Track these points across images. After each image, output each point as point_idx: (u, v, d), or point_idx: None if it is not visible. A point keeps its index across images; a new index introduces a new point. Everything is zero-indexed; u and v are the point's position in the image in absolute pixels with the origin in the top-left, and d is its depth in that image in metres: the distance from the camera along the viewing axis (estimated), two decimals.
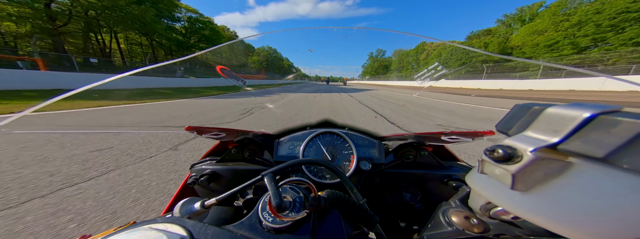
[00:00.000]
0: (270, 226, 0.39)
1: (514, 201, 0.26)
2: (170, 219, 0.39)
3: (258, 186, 0.74)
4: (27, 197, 2.01)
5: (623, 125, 0.21)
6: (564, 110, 0.25)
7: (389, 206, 0.80)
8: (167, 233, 0.34)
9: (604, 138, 0.21)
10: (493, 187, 0.30)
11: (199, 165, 0.93)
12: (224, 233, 0.37)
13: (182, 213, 0.44)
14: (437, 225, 0.43)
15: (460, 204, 0.43)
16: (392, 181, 0.84)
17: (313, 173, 0.76)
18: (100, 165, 2.72)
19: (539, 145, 0.25)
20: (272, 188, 0.40)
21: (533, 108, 0.29)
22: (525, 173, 0.26)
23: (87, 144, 3.42)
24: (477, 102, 11.40)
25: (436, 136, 0.67)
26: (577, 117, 0.23)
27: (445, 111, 7.83)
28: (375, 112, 7.34)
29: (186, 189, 0.89)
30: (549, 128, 0.26)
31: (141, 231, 0.35)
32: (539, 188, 0.25)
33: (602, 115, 0.22)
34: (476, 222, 0.38)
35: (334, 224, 0.43)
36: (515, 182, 0.26)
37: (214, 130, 0.76)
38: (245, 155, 0.93)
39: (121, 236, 0.34)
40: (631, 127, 0.20)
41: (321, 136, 0.87)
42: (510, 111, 0.33)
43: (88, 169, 2.60)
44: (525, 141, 0.27)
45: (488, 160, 0.30)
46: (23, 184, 2.23)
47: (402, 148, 0.86)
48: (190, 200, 0.47)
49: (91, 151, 3.14)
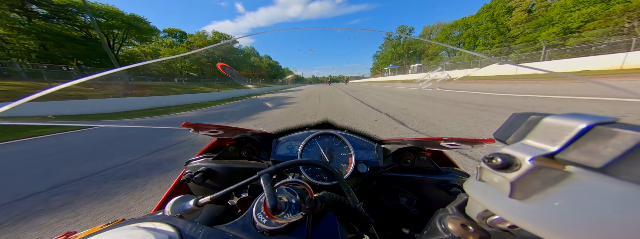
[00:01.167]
0: (264, 228, 0.39)
1: (512, 210, 0.26)
2: (160, 218, 0.38)
3: (253, 185, 0.73)
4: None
5: (620, 136, 0.21)
6: (561, 120, 0.26)
7: (384, 209, 0.79)
8: (155, 232, 0.33)
9: (601, 148, 0.22)
10: (491, 195, 0.30)
11: (194, 162, 0.92)
12: (216, 233, 0.37)
13: (174, 211, 0.43)
14: (433, 232, 0.43)
15: (457, 211, 0.43)
16: (389, 184, 0.84)
17: (310, 174, 0.76)
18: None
19: (537, 153, 0.25)
20: (268, 188, 0.39)
21: (531, 118, 0.30)
22: (523, 181, 0.26)
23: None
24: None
25: (436, 141, 0.67)
26: (574, 127, 0.24)
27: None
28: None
29: (180, 186, 0.88)
30: (546, 138, 0.26)
31: (128, 230, 0.34)
32: (537, 196, 0.25)
33: (598, 126, 0.23)
34: (473, 230, 0.38)
35: (329, 227, 0.43)
36: (514, 190, 0.26)
37: (211, 128, 0.76)
38: (243, 154, 0.93)
39: (107, 235, 0.33)
40: (628, 138, 0.20)
41: (320, 137, 0.87)
42: (508, 120, 0.34)
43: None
44: (524, 150, 0.27)
45: (487, 168, 0.30)
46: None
47: (400, 152, 0.86)
48: (183, 198, 0.46)
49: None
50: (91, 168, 3.24)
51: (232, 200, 0.79)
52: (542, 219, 0.23)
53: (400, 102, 9.39)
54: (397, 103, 8.80)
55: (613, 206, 0.20)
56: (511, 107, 6.27)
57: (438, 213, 0.45)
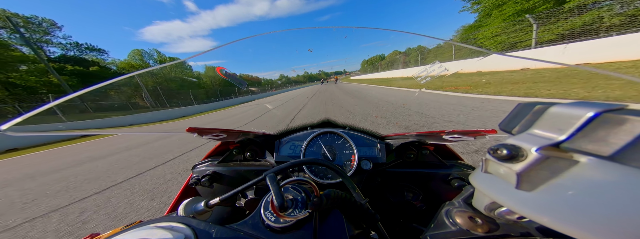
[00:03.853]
0: (273, 226, 0.39)
1: (520, 201, 0.26)
2: (176, 218, 0.40)
3: (259, 186, 0.74)
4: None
5: (629, 123, 0.20)
6: (568, 109, 0.25)
7: (391, 205, 0.79)
8: (173, 231, 0.35)
9: (610, 136, 0.21)
10: (497, 186, 0.29)
11: (200, 166, 0.93)
12: (227, 231, 0.38)
13: (186, 213, 0.45)
14: (440, 225, 0.43)
15: (464, 204, 0.42)
16: (393, 180, 0.84)
17: (315, 173, 0.76)
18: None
19: (543, 143, 0.25)
20: (274, 188, 0.40)
21: (536, 107, 0.29)
22: (530, 172, 0.25)
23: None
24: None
25: (438, 135, 0.67)
26: (581, 115, 0.23)
27: None
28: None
29: (188, 189, 0.89)
30: (553, 127, 0.26)
31: (148, 229, 0.36)
32: (545, 187, 0.24)
33: (607, 113, 0.22)
34: (481, 222, 0.38)
35: (336, 224, 0.43)
36: (521, 181, 0.26)
37: (215, 131, 0.77)
38: (247, 156, 0.93)
39: (128, 235, 0.35)
40: (638, 125, 0.20)
41: (322, 136, 0.87)
42: (513, 110, 0.33)
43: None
44: (530, 140, 0.26)
45: (492, 159, 0.29)
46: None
47: (403, 148, 0.85)
48: (194, 200, 0.48)
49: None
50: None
51: (239, 201, 0.79)
52: (554, 210, 0.23)
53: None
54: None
55: (628, 195, 0.19)
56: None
57: (444, 207, 0.45)
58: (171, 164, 4.04)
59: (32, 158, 7.41)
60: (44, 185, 3.91)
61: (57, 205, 2.86)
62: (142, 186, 3.08)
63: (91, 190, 3.25)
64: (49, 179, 4.29)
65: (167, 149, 5.38)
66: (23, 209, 2.88)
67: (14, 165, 6.48)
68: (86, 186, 3.49)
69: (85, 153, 6.51)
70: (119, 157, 5.40)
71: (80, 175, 4.22)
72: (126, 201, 2.66)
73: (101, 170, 4.42)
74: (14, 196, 3.50)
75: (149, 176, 3.50)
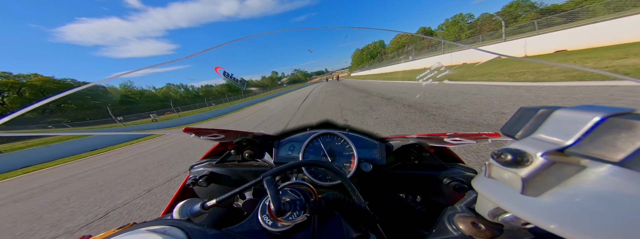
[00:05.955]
0: (270, 230, 0.38)
1: (526, 207, 0.25)
2: (170, 222, 0.39)
3: (258, 187, 0.73)
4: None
5: (639, 128, 0.20)
6: (573, 113, 0.24)
7: (390, 207, 0.78)
8: (165, 235, 0.34)
9: (618, 141, 0.21)
10: (502, 192, 0.29)
11: (197, 166, 0.92)
12: (223, 236, 0.37)
13: (181, 215, 0.44)
14: (442, 230, 0.42)
15: (467, 209, 0.42)
16: (393, 182, 0.83)
17: (314, 174, 0.75)
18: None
19: (549, 148, 0.24)
20: (271, 191, 0.39)
21: (540, 111, 0.28)
22: (536, 177, 0.25)
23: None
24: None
25: (439, 137, 0.66)
26: (588, 119, 0.23)
27: None
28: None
29: (185, 190, 0.88)
30: (559, 131, 0.25)
31: (139, 234, 0.35)
32: (552, 192, 0.24)
33: (614, 117, 0.21)
34: (484, 228, 0.37)
35: (335, 228, 0.42)
36: (526, 187, 0.25)
37: (212, 132, 0.76)
38: (245, 157, 0.92)
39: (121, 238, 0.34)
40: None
41: (321, 137, 0.87)
42: (515, 114, 0.32)
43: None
44: (535, 145, 0.26)
45: (496, 164, 0.29)
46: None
47: (403, 150, 0.85)
48: (190, 201, 0.47)
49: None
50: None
51: (237, 202, 0.78)
52: (562, 217, 0.22)
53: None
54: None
55: (635, 202, 0.19)
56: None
57: (446, 211, 0.44)
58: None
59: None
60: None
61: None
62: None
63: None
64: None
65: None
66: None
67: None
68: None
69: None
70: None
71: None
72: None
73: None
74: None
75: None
